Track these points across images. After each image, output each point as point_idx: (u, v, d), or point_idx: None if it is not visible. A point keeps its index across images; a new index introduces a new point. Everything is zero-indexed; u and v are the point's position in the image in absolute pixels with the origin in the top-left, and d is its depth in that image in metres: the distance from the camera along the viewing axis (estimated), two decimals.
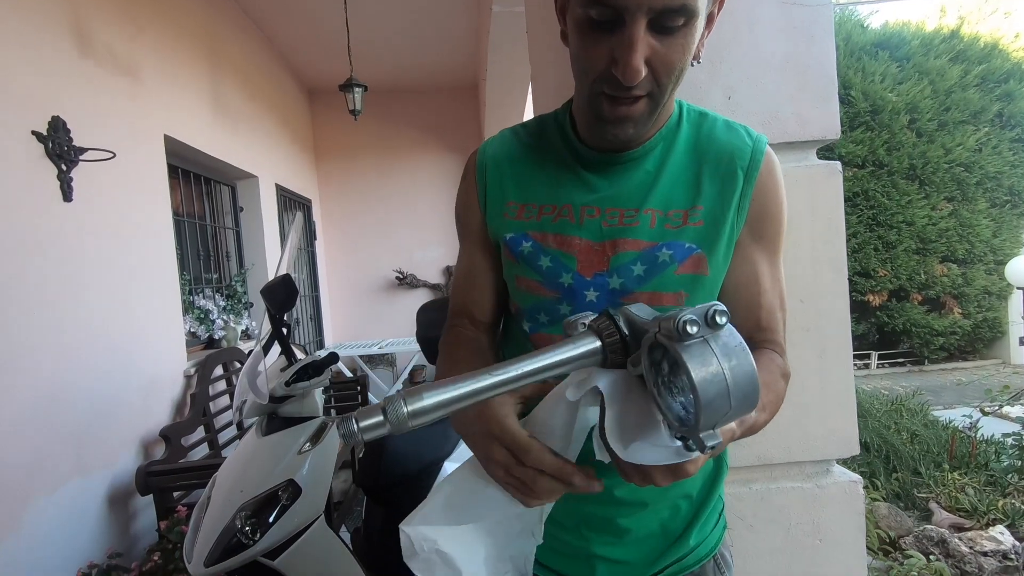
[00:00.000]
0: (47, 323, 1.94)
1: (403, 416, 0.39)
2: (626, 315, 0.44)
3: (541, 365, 0.42)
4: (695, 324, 0.36)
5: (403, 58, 4.94)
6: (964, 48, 7.04)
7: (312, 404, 1.65)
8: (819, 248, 0.97)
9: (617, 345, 0.43)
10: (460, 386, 0.41)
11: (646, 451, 0.43)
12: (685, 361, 0.36)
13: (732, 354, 0.37)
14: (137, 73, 2.57)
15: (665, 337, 0.38)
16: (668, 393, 0.41)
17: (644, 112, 0.63)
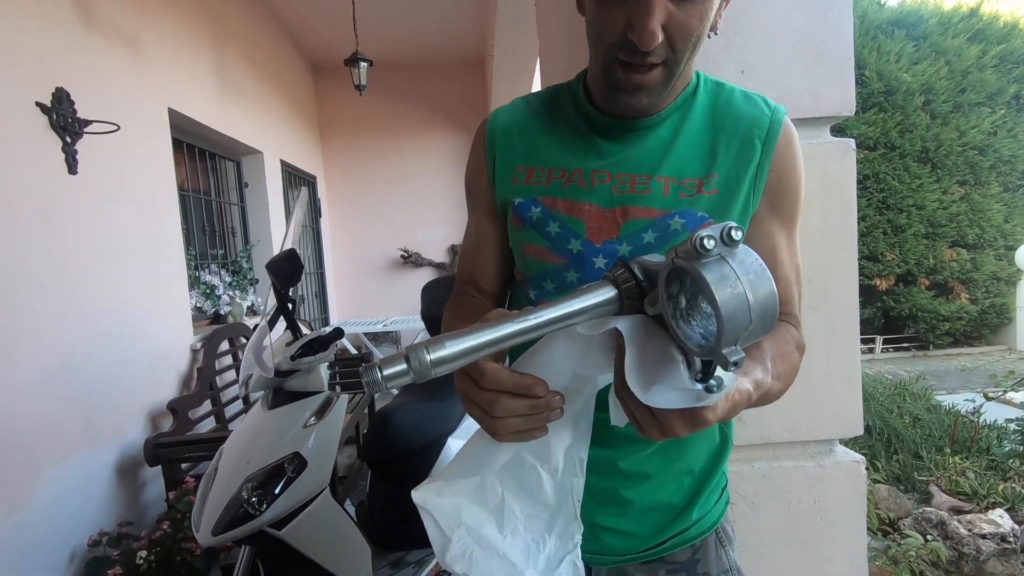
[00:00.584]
0: (55, 295, 1.95)
1: (426, 364, 0.39)
2: (640, 263, 0.45)
3: (560, 313, 0.43)
4: (712, 239, 0.36)
5: (409, 32, 4.86)
6: (983, 27, 6.87)
7: (317, 379, 1.66)
8: (830, 227, 0.96)
9: (634, 291, 0.44)
10: (481, 334, 0.42)
11: (666, 394, 0.43)
12: (704, 276, 0.36)
13: (750, 269, 0.37)
14: (140, 45, 2.54)
15: (682, 258, 0.38)
16: (686, 324, 0.41)
17: (659, 80, 0.62)
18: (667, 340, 0.43)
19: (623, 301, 0.44)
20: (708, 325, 0.40)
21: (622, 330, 0.43)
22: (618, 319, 0.44)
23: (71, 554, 1.94)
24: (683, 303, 0.41)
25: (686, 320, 0.41)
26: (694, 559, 0.74)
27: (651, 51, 0.58)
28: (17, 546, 1.74)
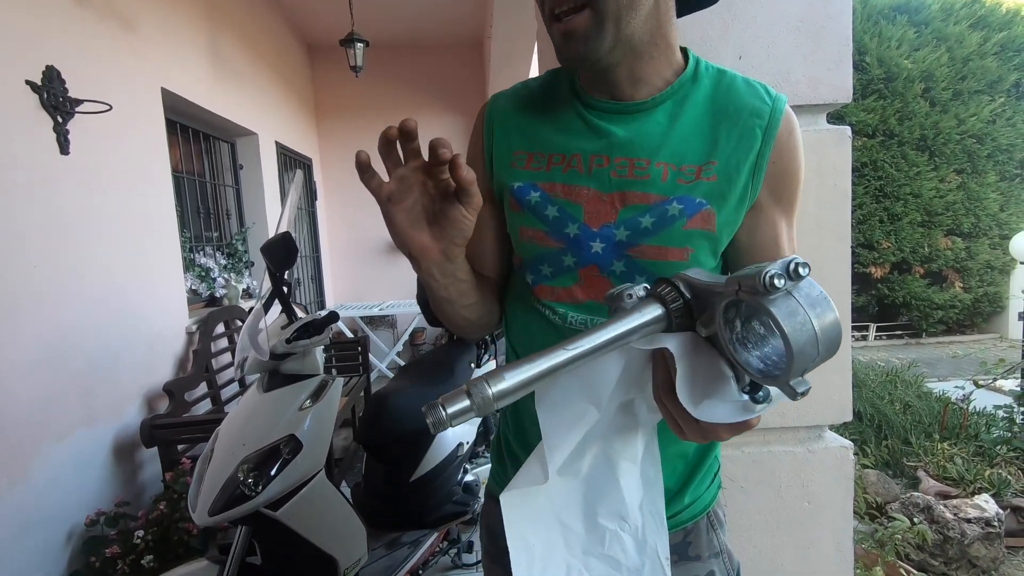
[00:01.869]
0: (50, 276, 1.94)
1: (488, 398, 0.40)
2: (685, 280, 0.46)
3: (613, 335, 0.44)
4: (781, 278, 0.37)
5: (406, 12, 4.79)
6: (985, 14, 6.82)
7: (313, 362, 1.66)
8: (824, 214, 0.96)
9: (682, 310, 0.45)
10: (539, 364, 0.42)
11: (716, 407, 0.45)
12: (774, 313, 0.38)
13: (816, 303, 0.38)
14: (133, 24, 2.50)
15: (748, 293, 0.39)
16: (744, 349, 0.43)
17: (589, 25, 0.62)
18: (715, 356, 0.44)
19: (671, 319, 0.45)
20: (767, 351, 0.42)
21: (672, 349, 0.45)
22: (667, 337, 0.45)
23: (69, 533, 1.95)
24: (738, 327, 0.43)
25: (743, 345, 0.43)
26: (685, 542, 0.76)
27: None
28: (15, 525, 1.75)
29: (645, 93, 0.68)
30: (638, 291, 0.51)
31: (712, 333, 0.44)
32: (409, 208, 0.59)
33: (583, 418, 0.53)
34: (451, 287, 0.67)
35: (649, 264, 0.67)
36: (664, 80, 0.69)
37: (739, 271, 0.40)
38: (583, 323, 0.71)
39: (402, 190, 0.58)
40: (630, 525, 0.57)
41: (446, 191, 0.57)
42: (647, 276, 0.68)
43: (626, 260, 0.68)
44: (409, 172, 0.57)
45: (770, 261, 0.70)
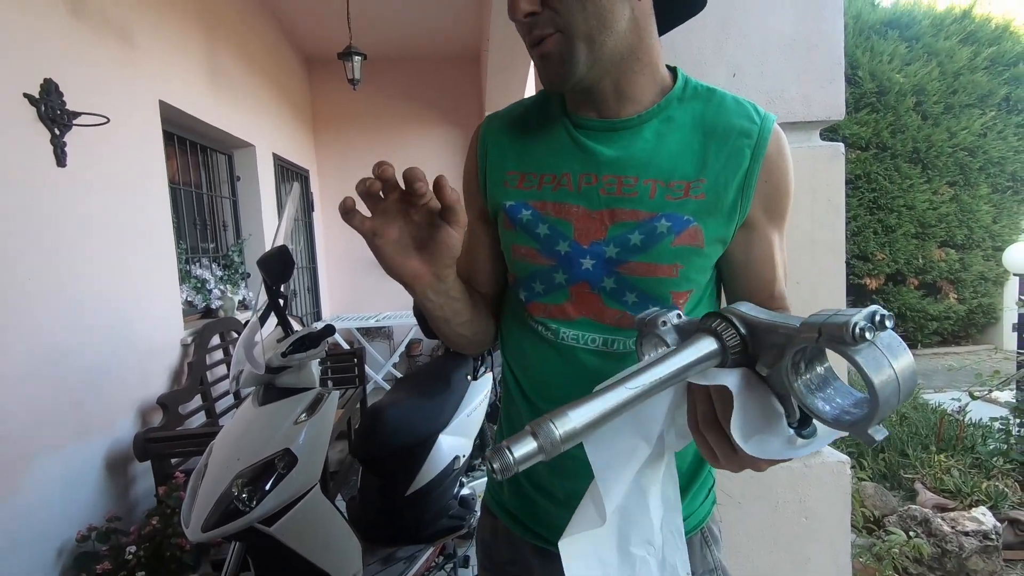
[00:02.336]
0: (44, 288, 1.93)
1: (556, 440, 0.39)
2: (739, 316, 0.46)
3: (673, 371, 0.44)
4: (871, 330, 0.37)
5: (404, 26, 4.84)
6: (975, 29, 6.91)
7: (309, 375, 1.66)
8: (818, 231, 0.97)
9: (738, 347, 0.45)
10: (603, 402, 0.42)
11: (766, 443, 0.45)
12: (862, 365, 0.38)
13: (897, 353, 0.39)
14: (130, 36, 2.51)
15: (831, 342, 0.39)
16: (811, 394, 0.43)
17: (562, 48, 0.63)
18: (768, 392, 0.45)
19: (727, 354, 0.45)
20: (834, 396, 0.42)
21: (731, 386, 0.45)
22: (725, 374, 0.46)
23: (59, 549, 1.93)
24: (802, 369, 0.43)
25: (811, 391, 0.43)
26: None
27: (536, 23, 0.62)
28: (4, 541, 1.73)
29: (631, 110, 0.69)
30: (671, 317, 0.52)
31: (771, 373, 0.44)
32: (396, 239, 0.60)
33: (634, 454, 0.52)
34: (446, 306, 0.68)
35: (639, 281, 0.68)
36: (650, 97, 0.69)
37: (816, 317, 0.40)
38: (575, 339, 0.71)
39: (386, 222, 0.59)
40: (655, 548, 0.56)
41: (430, 214, 0.58)
42: (637, 292, 0.68)
43: (616, 277, 0.68)
44: (390, 204, 0.58)
45: (768, 273, 0.71)
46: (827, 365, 0.42)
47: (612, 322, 0.70)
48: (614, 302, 0.69)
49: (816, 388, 0.43)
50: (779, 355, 0.43)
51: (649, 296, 0.68)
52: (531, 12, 0.61)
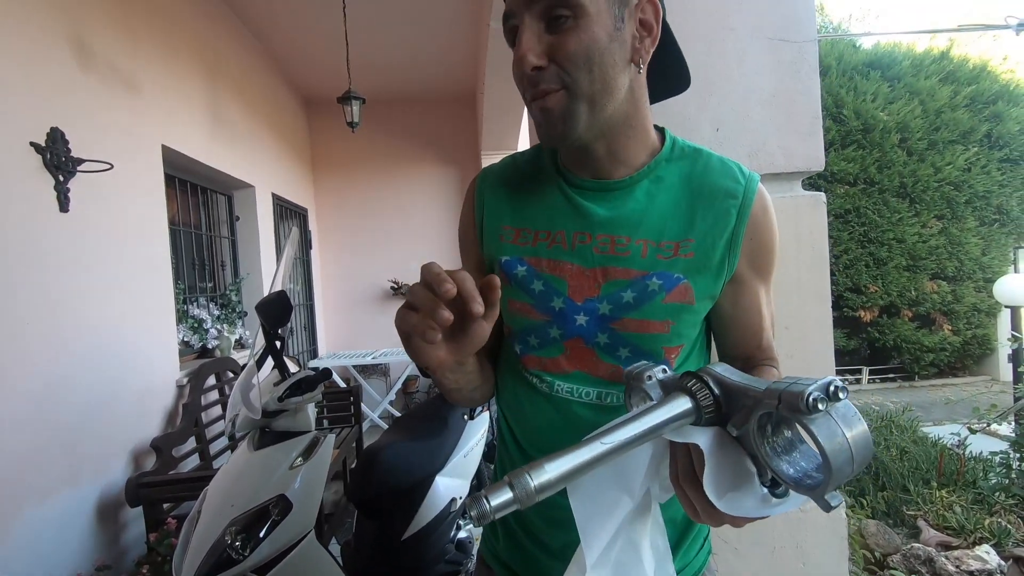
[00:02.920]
0: (40, 332, 1.94)
1: (531, 491, 0.41)
2: (714, 376, 0.48)
3: (647, 428, 0.46)
4: (824, 401, 0.40)
5: (401, 70, 4.98)
6: (953, 69, 7.17)
7: (305, 419, 1.66)
8: (804, 277, 0.99)
9: (712, 407, 0.47)
10: (578, 456, 0.44)
11: (740, 501, 0.47)
12: (816, 434, 0.40)
13: (851, 424, 0.41)
14: (136, 85, 2.59)
15: (789, 411, 0.41)
16: (777, 457, 0.45)
17: (565, 105, 0.64)
18: (741, 453, 0.47)
19: (701, 413, 0.47)
20: (798, 460, 0.44)
21: (703, 445, 0.47)
22: (698, 432, 0.47)
23: None
24: (769, 432, 0.45)
25: (776, 452, 0.45)
26: None
27: (542, 78, 0.63)
28: None
29: (623, 172, 0.72)
30: (657, 372, 0.54)
31: (742, 434, 0.46)
32: None
33: (617, 507, 0.53)
34: (460, 380, 0.69)
35: (632, 336, 0.70)
36: (641, 159, 0.72)
37: (779, 384, 0.42)
38: (569, 392, 0.73)
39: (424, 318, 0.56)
40: None
41: (460, 308, 0.56)
42: (630, 348, 0.70)
43: (610, 332, 0.70)
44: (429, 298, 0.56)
45: (755, 325, 0.74)
46: (795, 429, 0.44)
47: (606, 376, 0.72)
48: (608, 357, 0.71)
49: (782, 451, 0.45)
50: (747, 416, 0.45)
51: (642, 351, 0.70)
52: (538, 67, 0.63)
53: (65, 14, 2.15)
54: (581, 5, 0.61)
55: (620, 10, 0.64)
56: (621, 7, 0.64)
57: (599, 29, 0.62)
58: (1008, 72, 7.27)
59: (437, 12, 3.95)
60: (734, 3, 1.00)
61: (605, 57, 0.63)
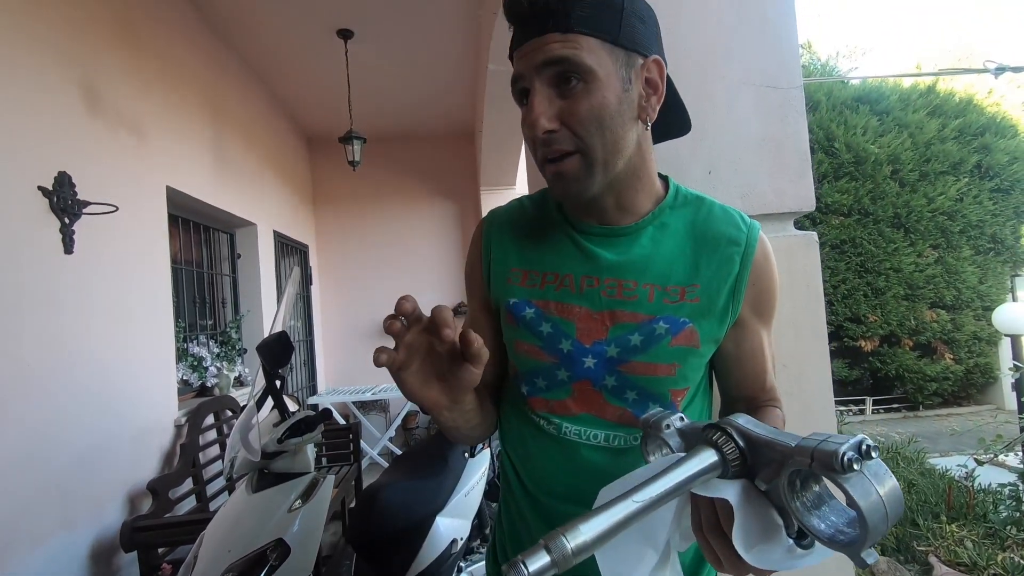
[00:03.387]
0: (40, 373, 1.93)
1: (568, 554, 0.41)
2: (738, 429, 0.49)
3: (675, 484, 0.46)
4: (858, 461, 0.40)
5: (402, 110, 5.10)
6: (940, 103, 7.34)
7: (304, 460, 1.64)
8: (800, 316, 1.01)
9: (738, 460, 0.48)
10: (612, 515, 0.44)
11: (767, 554, 0.47)
12: (851, 493, 0.41)
13: (883, 481, 0.42)
14: (142, 128, 2.65)
15: (823, 469, 0.42)
16: (808, 513, 0.45)
17: (579, 168, 0.67)
18: (768, 505, 0.47)
19: (727, 467, 0.48)
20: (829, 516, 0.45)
21: (731, 500, 0.47)
22: (726, 486, 0.48)
23: None
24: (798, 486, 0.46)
25: (807, 509, 0.46)
26: None
27: (555, 140, 0.65)
28: None
29: (629, 220, 0.74)
30: (675, 421, 0.55)
31: (771, 488, 0.47)
32: (417, 369, 0.60)
33: (642, 561, 0.53)
34: (459, 419, 0.69)
35: (639, 379, 0.71)
36: (647, 207, 0.75)
37: (809, 441, 0.43)
38: (577, 435, 0.73)
39: (410, 355, 0.59)
40: None
41: (452, 349, 0.58)
42: (638, 390, 0.71)
43: (617, 375, 0.71)
44: (414, 337, 0.58)
45: (758, 367, 0.75)
46: (823, 484, 0.45)
47: (614, 419, 0.72)
48: (615, 399, 0.72)
49: (812, 506, 0.45)
50: (776, 471, 0.46)
51: (649, 393, 0.71)
52: (550, 130, 0.65)
53: (77, 62, 2.22)
54: (591, 70, 0.63)
55: (627, 72, 0.66)
56: (628, 69, 0.66)
57: (609, 92, 0.64)
58: (994, 105, 7.45)
59: (437, 55, 4.08)
60: (723, 53, 1.05)
61: (615, 119, 0.65)
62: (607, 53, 0.64)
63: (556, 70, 0.64)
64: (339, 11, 3.42)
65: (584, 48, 0.63)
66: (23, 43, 1.95)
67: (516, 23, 0.68)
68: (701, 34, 1.04)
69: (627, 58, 0.66)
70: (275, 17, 3.43)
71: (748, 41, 1.05)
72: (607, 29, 0.64)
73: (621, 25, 0.65)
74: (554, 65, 0.63)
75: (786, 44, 1.06)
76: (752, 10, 1.05)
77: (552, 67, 0.64)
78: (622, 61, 0.65)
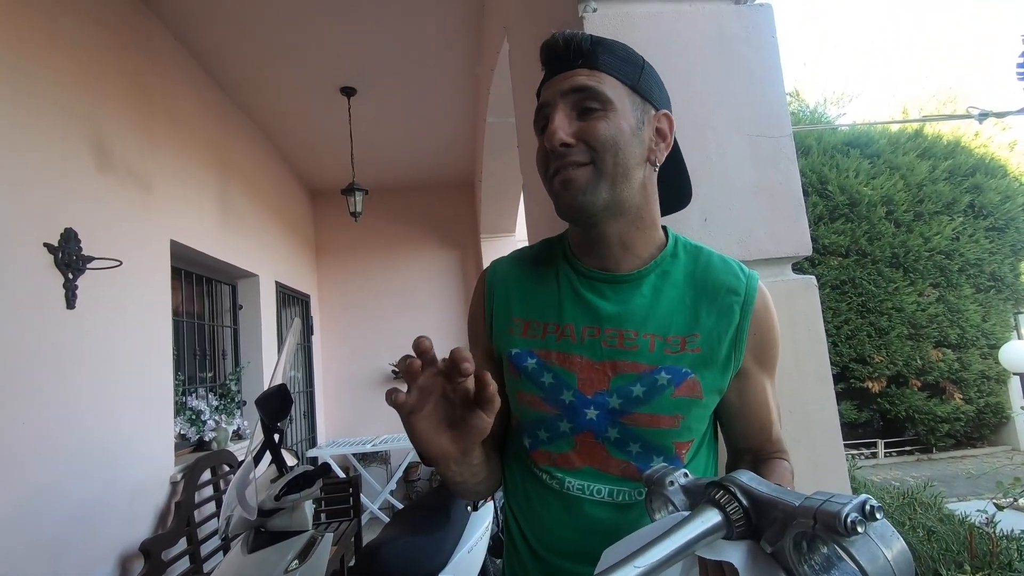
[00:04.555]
0: (35, 431, 1.90)
1: None
2: (741, 487, 0.47)
3: (678, 547, 0.45)
4: (863, 523, 0.39)
5: (403, 162, 5.23)
6: (929, 145, 7.52)
7: (301, 517, 1.60)
8: (803, 359, 1.00)
9: (742, 520, 0.46)
10: None
11: None
12: (857, 558, 0.40)
13: (890, 544, 0.41)
14: (149, 183, 2.71)
15: (826, 531, 0.41)
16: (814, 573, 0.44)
17: (590, 179, 0.69)
18: (775, 567, 0.46)
19: (732, 528, 0.47)
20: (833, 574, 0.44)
21: (737, 563, 0.46)
22: (731, 549, 0.47)
23: None
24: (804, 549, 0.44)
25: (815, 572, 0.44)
26: None
27: (570, 152, 0.69)
28: None
29: (632, 264, 0.75)
30: (678, 477, 0.54)
31: (777, 550, 0.45)
32: (429, 415, 0.58)
33: None
34: (465, 473, 0.68)
35: (642, 431, 0.70)
36: (649, 252, 0.76)
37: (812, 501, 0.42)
38: (580, 490, 0.71)
39: (422, 399, 0.57)
40: None
41: (465, 395, 0.57)
42: (641, 443, 0.70)
43: (620, 427, 0.70)
44: (428, 380, 0.57)
45: (764, 418, 0.74)
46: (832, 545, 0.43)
47: (617, 472, 0.71)
48: (618, 452, 0.71)
49: (821, 570, 0.44)
50: (781, 531, 0.44)
51: (652, 446, 0.70)
52: (567, 143, 0.68)
53: (87, 120, 2.29)
54: (610, 101, 0.68)
55: (642, 116, 0.72)
56: (643, 113, 0.72)
57: (624, 123, 0.69)
58: (982, 147, 7.62)
59: (437, 109, 4.21)
60: (715, 104, 1.08)
61: (628, 147, 0.69)
62: (626, 94, 0.71)
63: (579, 96, 0.69)
64: (342, 70, 3.56)
65: (607, 84, 0.69)
66: (35, 103, 2.02)
67: (549, 62, 0.73)
68: (692, 87, 1.08)
69: (643, 105, 0.72)
70: (281, 75, 3.57)
71: (737, 93, 1.08)
72: (628, 76, 0.71)
73: (640, 77, 0.72)
74: (578, 92, 0.69)
75: (773, 95, 1.09)
76: (740, 65, 1.10)
77: (576, 94, 0.69)
78: (638, 106, 0.72)
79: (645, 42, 0.74)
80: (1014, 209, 7.30)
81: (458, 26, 3.22)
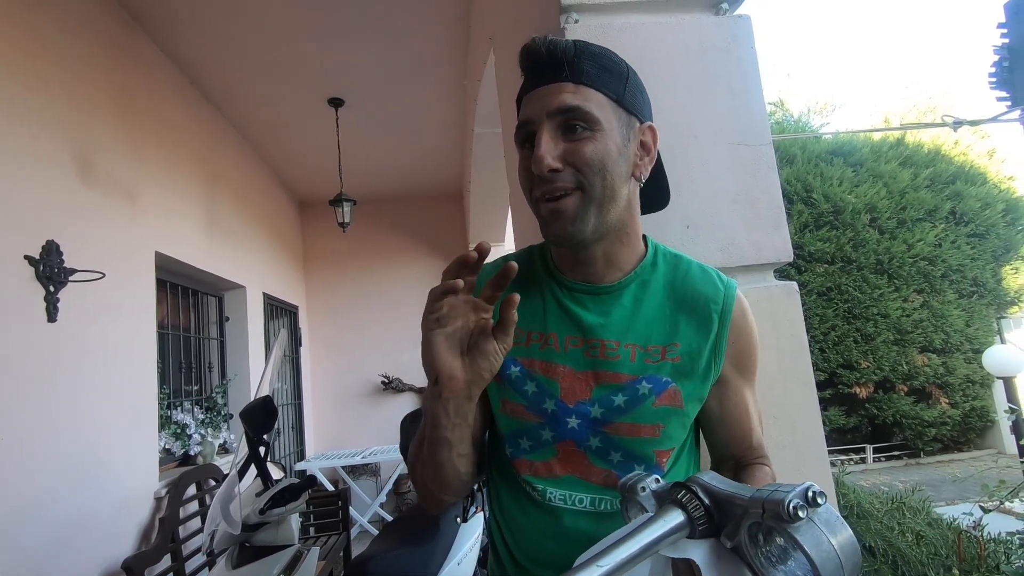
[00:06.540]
0: (14, 447, 1.86)
1: None
2: (703, 486, 0.48)
3: (640, 548, 0.45)
4: (804, 508, 0.40)
5: (391, 172, 5.23)
6: (911, 154, 7.66)
7: (287, 531, 1.57)
8: (786, 365, 1.01)
9: (704, 517, 0.47)
10: None
11: None
12: (801, 543, 0.41)
13: (835, 529, 0.41)
14: (134, 195, 2.68)
15: (773, 519, 0.41)
16: (770, 564, 0.45)
17: (578, 206, 0.68)
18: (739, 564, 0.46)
19: (694, 526, 0.47)
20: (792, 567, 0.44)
21: (698, 560, 0.46)
22: (693, 547, 0.47)
23: None
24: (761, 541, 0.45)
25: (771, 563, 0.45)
26: None
27: (557, 177, 0.67)
28: None
29: (614, 276, 0.75)
30: (650, 483, 0.54)
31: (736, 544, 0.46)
32: (450, 334, 0.63)
33: None
34: (457, 429, 0.67)
35: (624, 440, 0.70)
36: (631, 264, 0.76)
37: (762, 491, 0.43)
38: (562, 499, 0.71)
39: (450, 316, 0.63)
40: None
41: (484, 328, 0.64)
42: (622, 452, 0.70)
43: (602, 436, 0.70)
44: (460, 302, 0.63)
45: (744, 426, 0.74)
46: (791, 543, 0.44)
47: (599, 481, 0.71)
48: (600, 461, 0.71)
49: (777, 560, 0.44)
50: (737, 526, 0.45)
51: (634, 455, 0.70)
52: (555, 169, 0.67)
53: (73, 131, 2.27)
54: (598, 121, 0.67)
55: (627, 131, 0.71)
56: (628, 129, 0.71)
57: (610, 143, 0.68)
58: (961, 155, 7.78)
59: (424, 120, 4.22)
60: (695, 114, 1.10)
61: (615, 167, 0.68)
62: (612, 110, 0.69)
63: (565, 117, 0.67)
64: (330, 81, 3.57)
65: (593, 101, 0.68)
66: (19, 114, 2.00)
67: (531, 70, 0.71)
68: (673, 98, 1.09)
69: (627, 119, 0.71)
70: (269, 87, 3.56)
71: (718, 103, 1.10)
72: (613, 89, 0.70)
73: (625, 88, 0.71)
74: (564, 113, 0.67)
75: (753, 105, 1.11)
76: (720, 75, 1.11)
77: (562, 115, 0.67)
78: (623, 120, 0.70)
79: (625, 53, 0.75)
80: (994, 216, 7.44)
81: (445, 38, 3.24)
